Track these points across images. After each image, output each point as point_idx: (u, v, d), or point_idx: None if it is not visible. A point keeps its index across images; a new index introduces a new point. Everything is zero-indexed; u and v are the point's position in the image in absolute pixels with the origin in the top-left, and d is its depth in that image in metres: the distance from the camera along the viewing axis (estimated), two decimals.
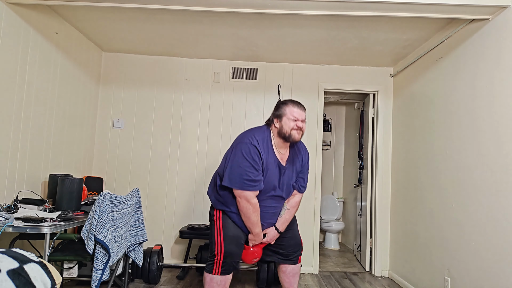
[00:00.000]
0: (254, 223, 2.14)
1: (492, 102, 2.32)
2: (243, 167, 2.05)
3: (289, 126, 2.13)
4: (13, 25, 2.56)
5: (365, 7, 2.39)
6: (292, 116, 2.13)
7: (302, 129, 2.16)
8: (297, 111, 2.15)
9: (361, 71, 4.04)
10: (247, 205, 2.10)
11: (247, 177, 2.05)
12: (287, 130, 2.13)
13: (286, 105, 2.17)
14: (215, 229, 2.21)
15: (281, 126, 2.15)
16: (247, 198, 2.08)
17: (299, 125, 2.14)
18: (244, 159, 2.06)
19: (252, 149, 2.07)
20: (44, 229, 2.05)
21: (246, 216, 2.13)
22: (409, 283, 3.34)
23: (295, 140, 2.16)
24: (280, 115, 2.16)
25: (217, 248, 2.16)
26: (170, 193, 3.90)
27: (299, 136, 2.16)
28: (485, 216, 2.33)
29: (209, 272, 2.16)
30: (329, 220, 5.27)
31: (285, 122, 2.13)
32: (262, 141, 2.13)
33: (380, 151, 3.95)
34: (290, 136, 2.13)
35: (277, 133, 2.17)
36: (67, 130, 3.31)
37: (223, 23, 3.08)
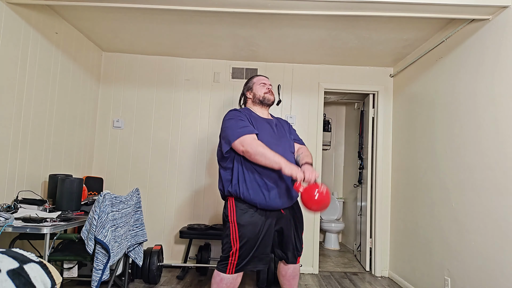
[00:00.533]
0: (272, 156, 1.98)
1: (492, 102, 2.32)
2: (232, 123, 2.14)
3: (261, 91, 2.33)
4: (13, 25, 2.56)
5: (365, 7, 2.39)
6: (261, 83, 2.36)
7: (271, 90, 2.36)
8: (262, 78, 2.39)
9: (361, 71, 4.04)
10: (255, 146, 2.00)
11: (238, 125, 2.10)
12: (260, 94, 2.32)
13: (252, 78, 2.43)
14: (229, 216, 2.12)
15: (254, 94, 2.34)
16: (249, 142, 2.02)
17: (269, 88, 2.35)
18: (230, 120, 2.16)
19: (236, 112, 2.21)
20: (44, 229, 2.05)
21: (261, 155, 1.99)
22: (409, 283, 3.34)
23: (270, 100, 2.34)
24: (250, 86, 2.38)
25: (232, 238, 2.07)
26: (170, 193, 3.90)
27: (272, 96, 2.35)
28: (486, 216, 2.33)
29: (222, 271, 2.10)
30: (329, 220, 5.27)
31: (256, 89, 2.34)
32: (244, 111, 2.25)
33: (380, 151, 3.95)
34: (264, 98, 2.32)
35: (252, 102, 2.35)
36: (67, 130, 3.31)
37: (223, 23, 3.08)
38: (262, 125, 2.21)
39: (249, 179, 2.11)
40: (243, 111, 2.24)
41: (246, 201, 2.12)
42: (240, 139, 2.05)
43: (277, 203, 2.13)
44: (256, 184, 2.10)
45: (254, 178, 2.11)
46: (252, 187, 2.10)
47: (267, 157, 1.99)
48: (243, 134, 2.06)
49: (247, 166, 2.12)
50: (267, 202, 2.10)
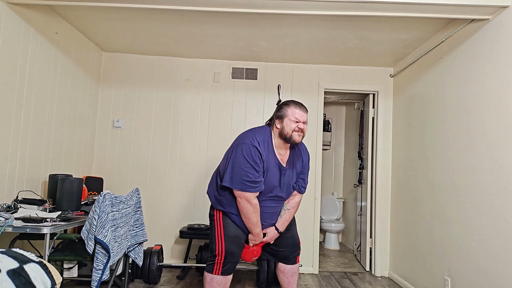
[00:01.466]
0: (254, 223, 2.14)
1: (492, 102, 2.32)
2: (244, 168, 2.05)
3: (291, 127, 2.11)
4: (13, 25, 2.56)
5: (365, 7, 2.39)
6: (294, 118, 2.12)
7: (303, 131, 2.15)
8: (299, 112, 2.13)
9: (361, 71, 4.04)
10: (248, 206, 2.10)
11: (248, 178, 2.05)
12: (288, 131, 2.11)
13: (288, 106, 2.15)
14: (216, 229, 2.21)
15: (282, 127, 2.13)
16: (247, 199, 2.09)
17: (300, 127, 2.13)
18: (245, 160, 2.05)
19: (253, 150, 2.06)
20: (44, 229, 2.05)
21: (246, 217, 2.13)
22: (409, 283, 3.34)
23: (296, 142, 2.14)
24: (282, 116, 2.14)
25: (217, 248, 2.16)
26: (170, 193, 3.90)
27: (300, 138, 2.15)
28: (485, 216, 2.33)
29: (210, 272, 2.16)
30: (329, 220, 5.26)
31: (287, 123, 2.12)
32: (263, 142, 2.12)
33: (380, 151, 3.95)
34: (291, 138, 2.12)
35: (278, 134, 2.16)
36: (67, 130, 3.31)
37: (223, 23, 3.08)
38: (272, 169, 2.17)
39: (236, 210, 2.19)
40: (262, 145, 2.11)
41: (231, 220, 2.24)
42: (242, 193, 2.10)
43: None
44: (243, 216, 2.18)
45: None
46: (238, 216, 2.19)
47: (250, 221, 2.14)
48: (247, 190, 2.08)
49: None
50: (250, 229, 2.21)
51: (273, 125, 2.20)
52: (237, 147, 2.10)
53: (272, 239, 2.28)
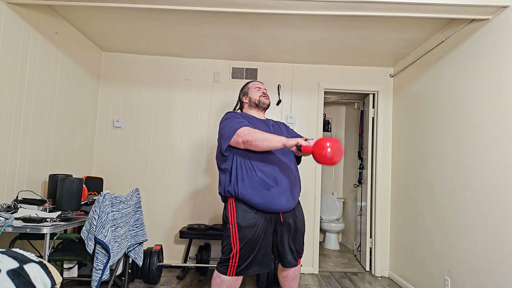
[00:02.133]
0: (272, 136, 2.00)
1: (492, 102, 2.32)
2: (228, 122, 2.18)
3: (257, 94, 2.39)
4: (13, 25, 2.56)
5: (365, 7, 2.39)
6: (255, 87, 2.41)
7: (266, 93, 2.41)
8: (257, 82, 2.45)
9: (361, 71, 4.04)
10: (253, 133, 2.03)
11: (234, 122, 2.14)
12: (256, 98, 2.38)
13: (247, 83, 2.48)
14: (230, 218, 2.11)
15: (250, 99, 2.40)
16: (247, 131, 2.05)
17: (264, 92, 2.40)
18: (226, 120, 2.20)
19: (231, 113, 2.26)
20: (44, 229, 2.05)
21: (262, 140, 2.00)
22: (409, 283, 3.34)
23: (266, 103, 2.39)
24: (246, 91, 2.43)
25: (232, 239, 2.07)
26: (170, 193, 3.90)
27: (267, 100, 2.40)
28: (485, 216, 2.33)
29: (222, 273, 2.09)
30: (329, 220, 5.26)
31: (252, 93, 2.40)
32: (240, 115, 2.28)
33: (380, 151, 3.95)
34: (260, 101, 2.37)
35: (249, 107, 2.40)
36: (67, 130, 3.31)
37: (223, 23, 3.08)
38: (259, 125, 2.23)
39: (247, 178, 2.10)
40: (239, 113, 2.29)
41: (245, 201, 2.11)
42: (237, 132, 2.07)
43: (276, 203, 2.10)
44: (255, 183, 2.09)
45: (253, 177, 2.09)
46: (251, 186, 2.09)
47: (267, 139, 2.00)
48: (239, 127, 2.09)
49: (247, 165, 2.11)
50: (266, 202, 2.08)
51: (243, 105, 2.45)
52: (220, 124, 2.26)
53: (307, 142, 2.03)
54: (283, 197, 2.13)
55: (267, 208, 2.09)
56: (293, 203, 2.20)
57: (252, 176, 2.10)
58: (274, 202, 2.10)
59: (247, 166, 2.12)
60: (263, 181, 2.09)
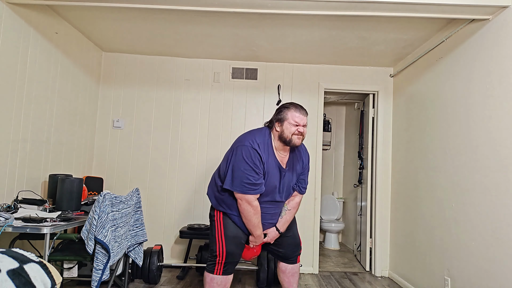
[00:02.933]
0: (255, 225, 2.14)
1: (492, 102, 2.32)
2: (244, 170, 2.04)
3: (290, 131, 2.10)
4: (13, 25, 2.56)
5: (365, 7, 2.39)
6: (294, 121, 2.11)
7: (303, 134, 2.14)
8: (298, 116, 2.13)
9: (361, 71, 4.04)
10: (248, 208, 2.10)
11: (248, 180, 2.04)
12: (287, 135, 2.11)
13: (288, 109, 2.15)
14: (216, 229, 2.21)
15: (282, 131, 2.12)
16: (248, 201, 2.08)
17: (300, 130, 2.12)
18: (245, 162, 2.04)
19: (253, 153, 2.05)
20: (44, 229, 2.05)
21: (247, 219, 2.13)
22: (409, 283, 3.34)
23: (295, 145, 2.14)
24: (282, 119, 2.14)
25: (218, 249, 2.16)
26: (170, 193, 3.90)
27: (299, 141, 2.14)
28: (485, 216, 2.33)
29: (210, 272, 2.16)
30: (329, 220, 5.26)
31: (286, 126, 2.11)
32: (262, 144, 2.11)
33: (380, 151, 3.95)
34: (290, 141, 2.12)
35: (278, 137, 2.15)
36: (67, 130, 3.31)
37: (223, 23, 3.08)
38: (272, 170, 2.16)
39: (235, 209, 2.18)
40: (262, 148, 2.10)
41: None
42: (242, 195, 2.09)
43: None
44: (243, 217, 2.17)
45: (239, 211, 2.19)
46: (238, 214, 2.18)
47: (251, 223, 2.14)
48: (248, 193, 2.08)
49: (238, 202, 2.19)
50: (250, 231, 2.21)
51: (272, 128, 2.19)
52: (237, 149, 2.09)
53: (273, 240, 2.29)
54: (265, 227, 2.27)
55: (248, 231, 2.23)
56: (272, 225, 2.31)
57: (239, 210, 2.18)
58: None
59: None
60: None
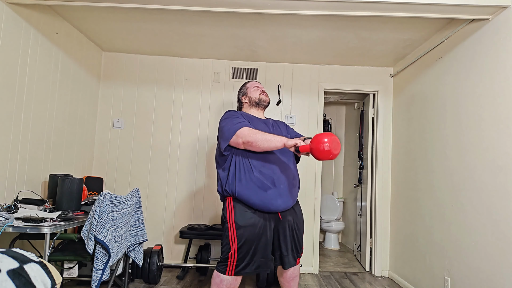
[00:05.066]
0: (273, 137, 2.00)
1: (492, 102, 2.32)
2: (228, 122, 2.17)
3: (256, 93, 2.40)
4: (14, 25, 2.56)
5: (365, 7, 2.39)
6: (254, 87, 2.42)
7: (265, 92, 2.43)
8: (255, 82, 2.46)
9: (361, 71, 4.04)
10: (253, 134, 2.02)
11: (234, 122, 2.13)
12: (256, 96, 2.39)
13: (245, 84, 2.48)
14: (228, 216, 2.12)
15: (249, 97, 2.40)
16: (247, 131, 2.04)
17: (263, 90, 2.42)
18: (226, 119, 2.20)
19: (230, 112, 2.26)
20: (44, 229, 2.05)
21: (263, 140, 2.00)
22: (409, 283, 3.34)
23: (266, 100, 2.40)
24: (245, 91, 2.43)
25: (231, 238, 2.07)
26: (170, 193, 3.90)
27: (267, 97, 2.41)
28: (485, 216, 2.33)
29: (222, 272, 2.09)
30: (329, 220, 5.27)
31: (251, 93, 2.40)
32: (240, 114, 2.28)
33: (380, 151, 3.95)
34: (260, 100, 2.38)
35: (249, 106, 2.40)
36: (67, 130, 3.31)
37: (223, 23, 3.08)
38: (258, 125, 2.24)
39: (245, 178, 2.10)
40: (239, 112, 2.29)
41: (243, 201, 2.11)
42: (237, 133, 2.07)
43: (273, 204, 2.10)
44: (253, 184, 2.09)
45: (251, 178, 2.10)
46: (249, 187, 2.09)
47: (268, 139, 2.01)
48: (239, 127, 2.08)
49: (245, 165, 2.11)
50: (264, 203, 2.08)
51: (242, 105, 2.44)
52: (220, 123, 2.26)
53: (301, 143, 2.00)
54: (281, 199, 2.13)
55: (264, 208, 2.10)
56: (291, 203, 2.20)
57: (250, 177, 2.10)
58: (272, 203, 2.10)
59: (246, 167, 2.11)
60: (261, 182, 2.09)
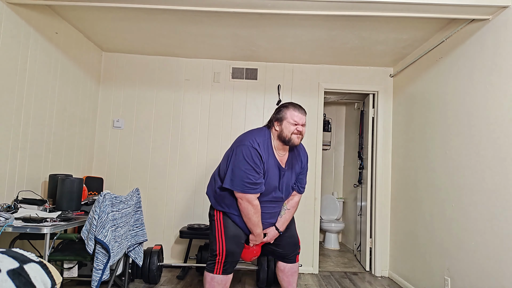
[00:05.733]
0: (255, 224, 2.15)
1: (491, 102, 2.32)
2: (245, 170, 2.05)
3: (289, 130, 2.13)
4: (13, 25, 2.56)
5: (365, 7, 2.39)
6: (293, 120, 2.13)
7: (302, 133, 2.16)
8: (297, 115, 2.15)
9: (361, 71, 4.04)
10: (249, 207, 2.10)
11: (249, 180, 2.05)
12: (287, 134, 2.13)
13: (287, 109, 2.17)
14: (216, 229, 2.21)
15: (281, 130, 2.15)
16: (248, 200, 2.09)
17: (299, 129, 2.14)
18: (245, 162, 2.05)
19: (253, 152, 2.06)
20: (44, 229, 2.05)
21: (247, 218, 2.14)
22: (409, 283, 3.34)
23: (295, 144, 2.17)
24: (281, 119, 2.16)
25: (218, 248, 2.16)
26: (170, 193, 3.90)
27: (298, 140, 2.17)
28: (485, 216, 2.33)
29: (210, 271, 2.16)
30: (329, 220, 5.26)
31: (285, 126, 2.14)
32: (262, 143, 2.13)
33: (380, 151, 3.95)
34: (290, 140, 2.14)
35: (277, 136, 2.18)
36: (67, 130, 3.31)
37: (223, 23, 3.08)
38: (272, 169, 2.17)
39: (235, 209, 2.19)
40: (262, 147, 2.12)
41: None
42: (243, 195, 2.10)
43: None
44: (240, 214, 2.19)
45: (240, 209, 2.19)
46: (238, 214, 2.19)
47: (251, 222, 2.14)
48: (248, 192, 2.09)
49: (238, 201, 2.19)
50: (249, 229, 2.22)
51: (272, 127, 2.21)
52: (237, 148, 2.10)
53: (272, 239, 2.30)
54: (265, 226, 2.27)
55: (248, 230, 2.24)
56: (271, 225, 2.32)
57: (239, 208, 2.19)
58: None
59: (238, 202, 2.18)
60: None
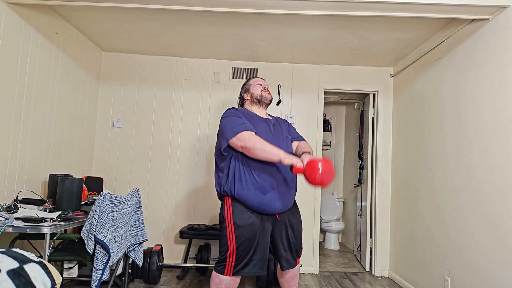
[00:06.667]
0: (271, 149, 1.97)
1: (492, 102, 2.32)
2: (229, 120, 2.14)
3: (258, 90, 2.36)
4: (13, 25, 2.56)
5: (365, 7, 2.39)
6: (257, 84, 2.39)
7: (268, 89, 2.39)
8: (258, 79, 2.43)
9: (361, 71, 4.04)
10: (253, 141, 1.99)
11: (236, 122, 2.10)
12: (257, 93, 2.35)
13: (249, 80, 2.45)
14: (226, 214, 2.11)
15: (252, 94, 2.36)
16: (247, 136, 2.01)
17: (265, 87, 2.38)
18: (227, 117, 2.17)
19: (232, 110, 2.23)
20: (44, 229, 2.05)
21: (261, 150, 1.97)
22: (409, 283, 3.34)
23: (268, 98, 2.36)
24: (247, 88, 2.41)
25: (228, 235, 2.06)
26: (170, 193, 3.90)
27: (269, 95, 2.38)
28: (485, 216, 2.33)
29: (220, 272, 2.09)
30: (329, 220, 5.26)
31: (253, 89, 2.37)
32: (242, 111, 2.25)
33: (380, 151, 3.95)
34: (262, 97, 2.34)
35: (251, 102, 2.37)
36: (67, 130, 3.31)
37: (223, 23, 3.08)
38: (259, 124, 2.21)
39: (245, 179, 2.10)
40: (240, 110, 2.24)
41: (241, 201, 2.11)
42: (238, 135, 2.03)
43: (271, 206, 2.11)
44: (252, 186, 2.09)
45: (251, 179, 2.09)
46: (248, 188, 2.09)
47: (266, 150, 1.97)
48: (241, 130, 2.04)
49: (245, 166, 2.11)
50: (262, 205, 2.09)
51: (244, 101, 2.41)
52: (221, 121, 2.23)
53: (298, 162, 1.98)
54: (279, 201, 2.13)
55: (263, 210, 2.10)
56: (289, 205, 2.22)
57: (250, 178, 2.10)
58: (270, 206, 2.10)
59: (245, 168, 2.11)
60: (260, 185, 2.09)
